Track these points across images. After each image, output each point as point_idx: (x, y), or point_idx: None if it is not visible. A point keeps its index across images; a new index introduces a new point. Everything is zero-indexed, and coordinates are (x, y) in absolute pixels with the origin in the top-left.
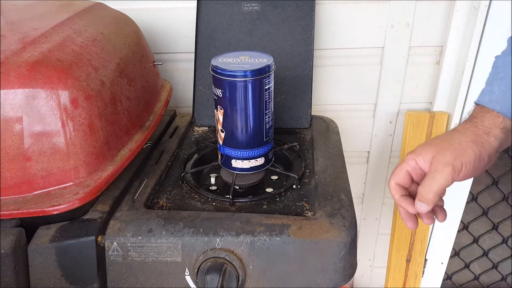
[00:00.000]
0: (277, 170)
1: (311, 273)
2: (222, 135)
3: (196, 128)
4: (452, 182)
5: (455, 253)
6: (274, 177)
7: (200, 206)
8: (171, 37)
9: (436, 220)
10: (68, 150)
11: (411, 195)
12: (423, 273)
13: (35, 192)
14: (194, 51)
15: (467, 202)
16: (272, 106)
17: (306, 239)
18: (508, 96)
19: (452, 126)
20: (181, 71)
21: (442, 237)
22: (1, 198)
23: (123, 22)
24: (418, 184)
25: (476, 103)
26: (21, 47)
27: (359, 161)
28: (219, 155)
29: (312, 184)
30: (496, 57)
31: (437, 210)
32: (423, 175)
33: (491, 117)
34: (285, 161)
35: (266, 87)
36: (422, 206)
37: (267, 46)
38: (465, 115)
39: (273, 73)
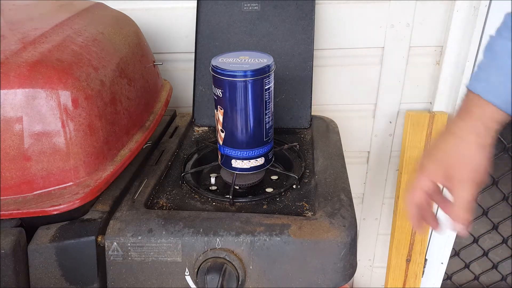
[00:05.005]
0: (277, 170)
1: (311, 273)
2: (222, 135)
3: (196, 128)
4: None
5: (455, 253)
6: (274, 177)
7: (200, 206)
8: (171, 37)
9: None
10: (68, 150)
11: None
12: (423, 273)
13: (35, 192)
14: (194, 51)
15: None
16: (272, 106)
17: (306, 239)
18: (508, 90)
19: None
20: (181, 71)
21: (442, 237)
22: (1, 198)
23: (123, 22)
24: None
25: (470, 89)
26: (21, 47)
27: (359, 161)
28: (219, 155)
29: (312, 184)
30: (492, 37)
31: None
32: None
33: (490, 112)
34: (285, 161)
35: (266, 87)
36: (461, 227)
37: (267, 46)
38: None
39: (273, 73)
